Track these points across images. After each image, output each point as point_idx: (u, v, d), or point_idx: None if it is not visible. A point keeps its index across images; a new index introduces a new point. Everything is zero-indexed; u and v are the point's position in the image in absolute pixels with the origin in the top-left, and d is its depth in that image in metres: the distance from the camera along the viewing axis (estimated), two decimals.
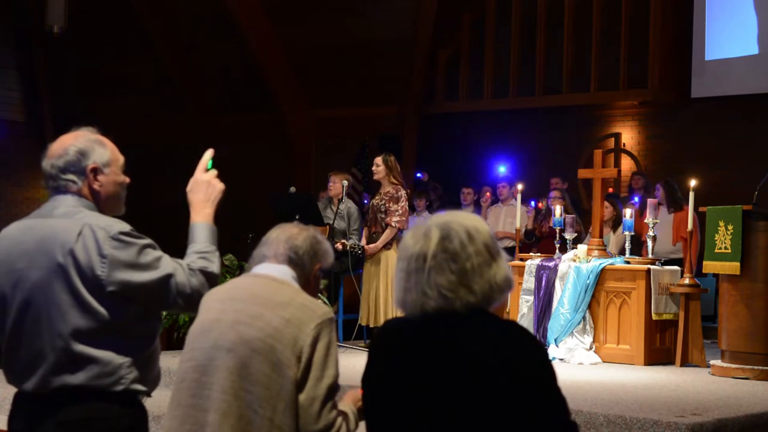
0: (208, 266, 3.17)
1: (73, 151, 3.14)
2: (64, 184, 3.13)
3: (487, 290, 2.55)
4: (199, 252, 3.20)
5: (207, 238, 3.25)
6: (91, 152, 3.15)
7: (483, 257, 2.56)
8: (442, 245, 2.55)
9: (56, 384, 3.04)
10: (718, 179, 11.82)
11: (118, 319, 3.04)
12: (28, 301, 3.06)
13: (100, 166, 3.16)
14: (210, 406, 3.02)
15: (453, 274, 2.53)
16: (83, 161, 3.14)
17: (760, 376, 7.23)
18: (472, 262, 2.54)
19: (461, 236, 2.56)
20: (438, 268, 2.54)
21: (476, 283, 2.53)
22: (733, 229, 7.44)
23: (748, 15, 12.50)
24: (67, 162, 3.13)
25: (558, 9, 13.58)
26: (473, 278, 2.53)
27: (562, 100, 13.49)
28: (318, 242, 3.25)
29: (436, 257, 2.54)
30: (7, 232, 3.19)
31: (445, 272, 2.53)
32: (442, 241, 2.56)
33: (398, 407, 2.58)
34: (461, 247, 2.54)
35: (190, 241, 3.25)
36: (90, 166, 3.14)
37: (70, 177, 3.13)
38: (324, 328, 3.05)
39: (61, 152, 3.14)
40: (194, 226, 3.28)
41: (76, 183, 3.13)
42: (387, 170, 8.98)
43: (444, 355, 2.53)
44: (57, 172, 3.13)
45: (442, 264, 2.54)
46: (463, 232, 2.57)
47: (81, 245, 3.02)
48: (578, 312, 8.27)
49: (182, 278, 3.10)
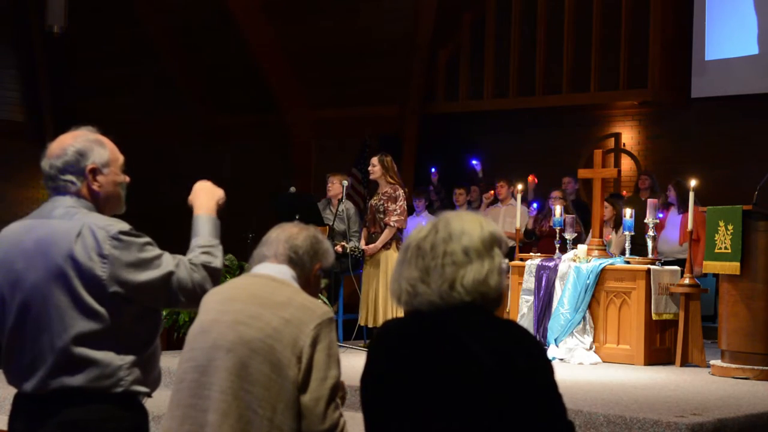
0: (210, 261, 3.16)
1: (71, 151, 3.12)
2: (63, 185, 3.12)
3: (446, 289, 2.57)
4: (202, 246, 3.19)
5: (210, 231, 3.24)
6: (90, 153, 3.14)
7: (453, 258, 2.57)
8: (419, 242, 2.62)
9: (55, 385, 3.03)
10: (718, 179, 11.81)
11: (117, 321, 3.04)
12: (27, 302, 3.06)
13: (99, 167, 3.14)
14: (209, 406, 3.02)
15: (417, 269, 2.60)
16: (82, 162, 3.12)
17: (760, 376, 7.23)
18: (437, 261, 2.58)
19: (440, 236, 2.60)
20: (409, 262, 2.62)
21: (434, 281, 2.58)
22: (733, 229, 7.44)
23: (748, 15, 12.50)
24: (66, 162, 3.12)
25: (558, 9, 13.57)
26: (432, 276, 2.58)
27: (562, 100, 13.49)
28: (318, 242, 3.24)
29: (409, 251, 2.63)
30: (7, 232, 3.18)
31: (411, 266, 2.61)
32: (423, 238, 2.62)
33: (397, 407, 2.58)
34: (431, 247, 2.59)
35: (193, 235, 3.24)
36: (89, 167, 3.13)
37: (68, 178, 3.12)
38: (324, 328, 3.05)
39: (59, 153, 3.13)
40: (197, 218, 3.27)
41: (74, 184, 3.12)
42: (383, 170, 8.97)
43: (443, 355, 2.53)
44: (56, 172, 3.12)
45: (412, 259, 2.62)
46: (446, 232, 2.60)
47: (80, 246, 3.01)
48: (578, 312, 8.27)
49: (184, 274, 3.09)
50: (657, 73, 12.83)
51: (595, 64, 13.23)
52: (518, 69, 13.91)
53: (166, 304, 3.15)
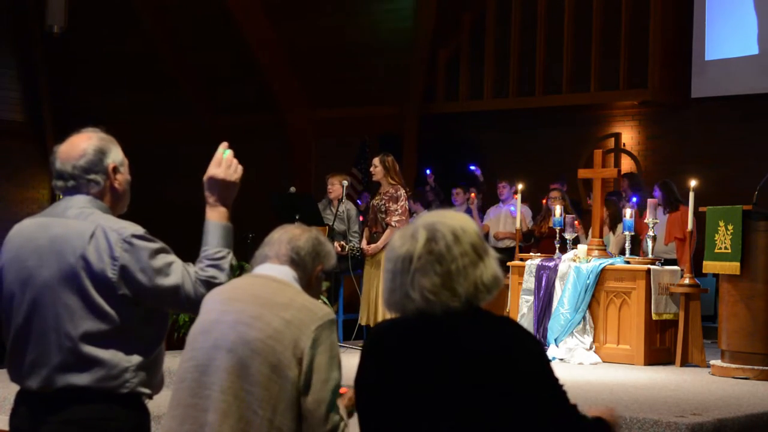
0: (216, 276, 3.14)
1: (92, 150, 3.14)
2: (86, 184, 3.13)
3: (472, 291, 2.54)
4: (211, 258, 3.17)
5: (219, 241, 3.20)
6: (109, 151, 3.18)
7: (469, 258, 2.55)
8: (428, 247, 2.55)
9: (61, 384, 3.04)
10: (718, 179, 11.80)
11: (126, 322, 3.05)
12: (37, 300, 3.07)
13: (118, 165, 3.19)
14: (210, 406, 3.02)
15: (437, 276, 2.53)
16: (104, 160, 3.16)
17: (760, 376, 7.23)
18: (458, 263, 2.53)
19: (447, 238, 2.55)
20: (423, 270, 2.54)
21: (460, 285, 2.53)
22: (733, 229, 7.44)
23: (748, 15, 12.50)
24: (90, 162, 3.14)
25: (558, 9, 13.57)
26: (458, 280, 2.53)
27: (562, 100, 13.48)
28: (320, 243, 3.24)
29: (422, 259, 2.54)
30: (20, 229, 3.19)
31: (429, 274, 2.53)
32: (429, 242, 2.55)
33: (394, 408, 2.57)
34: (447, 249, 2.54)
35: (203, 242, 3.21)
36: (111, 165, 3.16)
37: (93, 177, 3.14)
38: (324, 330, 3.05)
39: (80, 153, 3.14)
40: (208, 224, 3.23)
41: (99, 183, 3.15)
42: (384, 170, 8.98)
43: (440, 354, 2.53)
44: (80, 172, 3.13)
45: (426, 266, 2.53)
46: (450, 233, 2.56)
47: (93, 247, 3.02)
48: (578, 312, 8.27)
49: (189, 287, 3.11)
50: (657, 73, 12.83)
51: (595, 64, 13.23)
52: (518, 69, 13.91)
53: (169, 308, 3.19)
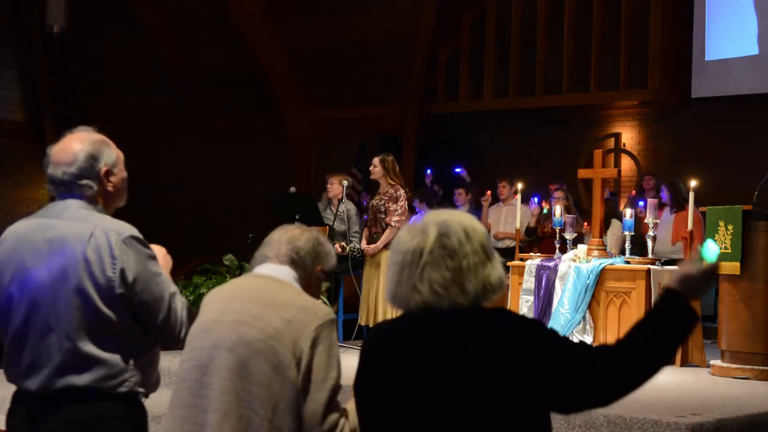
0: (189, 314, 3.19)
1: (83, 156, 3.13)
2: (79, 189, 3.13)
3: (480, 290, 2.55)
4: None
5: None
6: (101, 155, 3.15)
7: (479, 257, 2.56)
8: (440, 242, 2.55)
9: (61, 384, 3.04)
10: (718, 179, 11.80)
11: (125, 322, 3.05)
12: (36, 300, 3.06)
13: (111, 167, 3.17)
14: (210, 405, 3.02)
15: (448, 270, 2.54)
16: (96, 165, 3.14)
17: (760, 376, 7.23)
18: (469, 260, 2.54)
19: (459, 234, 2.56)
20: (434, 264, 2.54)
21: (470, 282, 2.54)
22: (733, 229, 7.44)
23: (748, 15, 12.50)
24: (81, 168, 3.12)
25: (558, 9, 13.57)
26: (468, 277, 2.54)
27: (562, 100, 13.48)
28: (320, 243, 3.25)
29: (433, 253, 2.55)
30: (16, 229, 3.18)
31: (440, 268, 2.54)
32: (440, 237, 2.56)
33: (394, 408, 2.57)
34: (459, 245, 2.55)
35: None
36: (103, 170, 3.14)
37: (85, 182, 3.12)
38: (324, 330, 3.05)
39: (71, 158, 3.12)
40: None
41: (92, 188, 3.13)
42: (384, 171, 8.99)
43: (439, 352, 2.53)
44: (71, 179, 3.12)
45: (438, 260, 2.54)
46: (461, 230, 2.57)
47: (93, 247, 3.02)
48: (578, 312, 8.27)
49: (178, 303, 3.11)
50: (657, 73, 12.83)
51: (595, 64, 13.23)
52: (518, 69, 13.91)
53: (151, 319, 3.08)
